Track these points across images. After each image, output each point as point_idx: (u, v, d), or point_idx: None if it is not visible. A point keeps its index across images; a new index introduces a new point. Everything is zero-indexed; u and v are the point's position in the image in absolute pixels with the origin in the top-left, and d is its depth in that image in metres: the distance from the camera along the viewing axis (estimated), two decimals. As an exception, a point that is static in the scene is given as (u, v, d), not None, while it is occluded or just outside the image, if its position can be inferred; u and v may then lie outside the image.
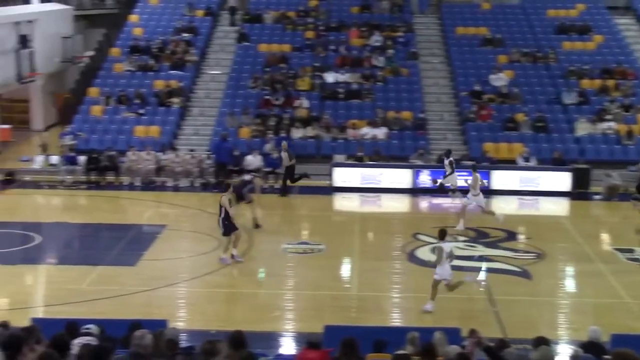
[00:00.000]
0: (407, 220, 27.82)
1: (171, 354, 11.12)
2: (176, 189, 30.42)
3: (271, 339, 17.32)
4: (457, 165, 29.49)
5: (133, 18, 42.11)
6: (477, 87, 35.60)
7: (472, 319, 17.58)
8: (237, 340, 11.28)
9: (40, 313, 18.57)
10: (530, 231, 26.02)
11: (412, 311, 19.30)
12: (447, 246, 19.03)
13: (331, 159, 31.81)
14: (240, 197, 24.68)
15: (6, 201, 28.88)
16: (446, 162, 29.13)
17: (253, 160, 30.62)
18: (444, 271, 18.79)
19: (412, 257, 22.95)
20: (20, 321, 14.32)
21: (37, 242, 24.06)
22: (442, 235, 19.10)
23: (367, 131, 33.52)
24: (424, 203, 29.79)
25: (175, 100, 35.70)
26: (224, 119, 34.42)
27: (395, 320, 18.90)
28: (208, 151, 31.75)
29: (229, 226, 21.92)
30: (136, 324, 13.18)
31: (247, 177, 25.76)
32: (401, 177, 30.46)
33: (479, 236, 25.06)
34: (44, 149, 33.02)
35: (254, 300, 19.96)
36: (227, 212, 21.84)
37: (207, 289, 20.61)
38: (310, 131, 33.55)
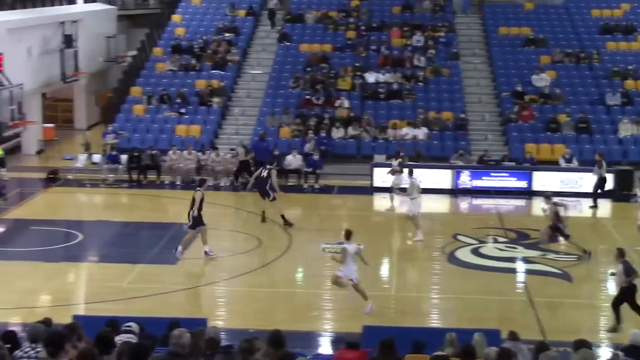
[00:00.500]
0: (446, 220, 27.71)
1: (211, 352, 11.17)
2: (216, 188, 30.54)
3: (309, 338, 17.36)
4: (497, 167, 29.34)
5: (175, 18, 42.40)
6: (519, 88, 35.35)
7: (512, 321, 17.46)
8: (276, 339, 11.33)
9: (81, 310, 18.78)
10: (572, 233, 25.77)
11: (451, 312, 19.24)
12: (351, 247, 18.70)
13: (371, 159, 31.77)
14: (264, 193, 24.93)
15: (50, 199, 29.22)
16: (395, 163, 28.71)
17: (293, 160, 30.67)
18: (348, 271, 18.55)
19: (452, 258, 22.85)
20: (63, 318, 14.49)
21: (79, 240, 24.32)
22: (347, 235, 18.87)
23: (407, 131, 33.44)
24: (464, 204, 29.65)
25: (217, 99, 35.89)
26: (264, 118, 34.53)
27: (434, 321, 18.85)
28: (248, 150, 31.83)
29: (197, 220, 22.02)
30: (175, 323, 13.28)
31: (264, 172, 25.53)
32: (441, 177, 30.35)
33: (520, 237, 24.89)
34: (87, 148, 33.35)
35: (293, 299, 20.01)
36: (199, 207, 21.92)
37: (247, 288, 20.69)
38: (350, 131, 33.55)
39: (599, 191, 29.04)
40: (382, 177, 30.21)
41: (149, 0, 47.95)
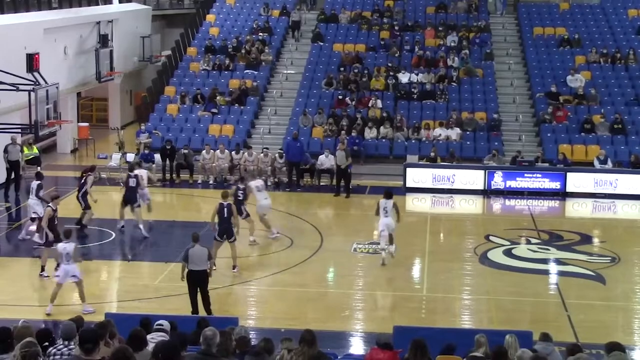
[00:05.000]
0: (479, 221, 27.60)
1: (241, 352, 11.22)
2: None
3: (341, 338, 17.38)
4: (531, 168, 29.25)
5: (210, 18, 42.60)
6: (554, 89, 35.11)
7: (544, 323, 17.36)
8: (308, 338, 11.37)
9: (114, 308, 18.94)
10: (605, 235, 25.62)
11: (483, 313, 19.17)
12: (64, 247, 18.47)
13: (404, 159, 31.71)
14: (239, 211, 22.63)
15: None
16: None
17: (325, 160, 30.68)
18: (63, 272, 18.46)
19: (484, 259, 22.75)
20: (95, 316, 14.64)
21: (112, 238, 24.51)
22: (66, 234, 18.86)
23: (440, 132, 33.35)
24: (497, 205, 29.51)
25: (250, 99, 36.00)
26: (297, 118, 34.59)
27: (465, 322, 18.78)
28: (281, 150, 31.90)
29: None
30: (205, 321, 13.36)
31: (240, 185, 23.72)
32: (474, 178, 30.22)
33: (553, 239, 24.75)
34: (121, 147, 33.58)
35: (324, 299, 20.03)
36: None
37: (278, 287, 20.73)
38: (383, 131, 33.51)
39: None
40: (414, 177, 30.20)
41: (183, 0, 48.21)
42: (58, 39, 33.62)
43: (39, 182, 23.34)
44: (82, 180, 24.87)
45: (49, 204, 20.96)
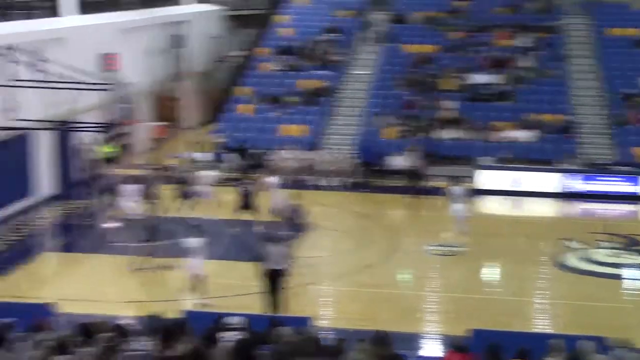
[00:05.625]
0: (553, 224, 27.33)
1: (313, 351, 11.31)
2: (321, 187, 30.72)
3: (414, 340, 17.37)
4: (605, 170, 28.91)
5: (282, 18, 42.84)
6: (628, 90, 34.57)
7: (621, 328, 17.11)
8: (381, 339, 11.42)
9: (189, 306, 19.17)
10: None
11: (558, 318, 19.00)
12: (191, 241, 19.13)
13: (475, 161, 31.54)
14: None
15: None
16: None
17: (398, 160, 30.63)
18: (193, 265, 19.15)
19: (559, 263, 22.52)
20: (171, 313, 14.85)
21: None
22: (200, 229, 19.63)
23: (512, 133, 33.07)
24: (571, 208, 29.15)
25: (321, 99, 36.14)
26: (368, 119, 34.61)
27: (540, 326, 18.63)
28: (352, 150, 31.95)
29: None
30: (276, 320, 13.47)
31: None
32: (547, 181, 29.92)
33: (629, 243, 24.36)
34: (195, 146, 33.97)
35: (398, 301, 20.03)
36: None
37: (350, 288, 20.79)
38: (454, 133, 33.35)
39: None
40: (486, 179, 30.01)
41: (256, 0, 48.53)
42: (135, 40, 34.16)
43: (134, 185, 23.32)
44: (150, 183, 24.71)
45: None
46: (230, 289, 20.09)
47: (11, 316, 11.59)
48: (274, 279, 18.11)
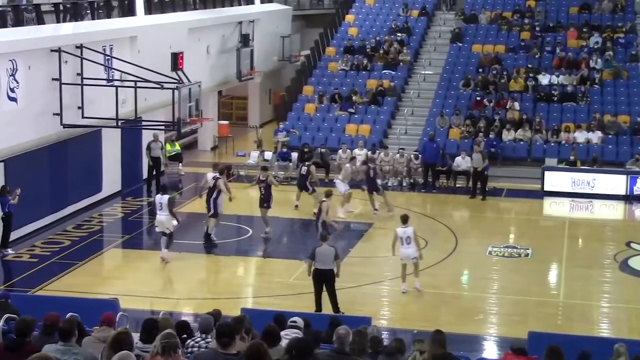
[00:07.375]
0: (619, 227, 26.91)
1: (374, 352, 11.30)
2: (384, 187, 30.62)
3: (474, 342, 17.27)
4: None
5: (349, 18, 42.88)
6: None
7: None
8: (438, 339, 11.37)
9: (249, 304, 19.33)
10: None
11: (622, 322, 18.71)
12: (404, 231, 19.69)
13: (542, 162, 31.18)
14: (303, 187, 26.79)
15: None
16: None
17: (462, 161, 30.44)
18: (405, 254, 19.67)
19: (624, 266, 22.17)
20: (231, 310, 14.99)
21: (249, 235, 25.01)
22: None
23: (581, 135, 32.61)
24: (639, 211, 28.62)
25: (387, 99, 36.08)
26: (434, 119, 34.45)
27: (603, 330, 18.36)
28: (417, 151, 31.82)
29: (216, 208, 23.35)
30: (337, 320, 13.50)
31: (303, 169, 27.00)
32: (615, 183, 29.42)
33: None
34: (259, 145, 34.18)
35: (458, 302, 19.93)
36: (218, 194, 23.30)
37: (411, 288, 20.70)
38: (521, 134, 33.02)
39: None
40: (553, 180, 29.65)
41: (323, 0, 48.67)
42: (201, 39, 34.48)
43: (168, 196, 22.38)
44: (213, 185, 23.75)
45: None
46: (291, 288, 20.17)
47: (77, 311, 11.79)
48: (322, 280, 18.08)
